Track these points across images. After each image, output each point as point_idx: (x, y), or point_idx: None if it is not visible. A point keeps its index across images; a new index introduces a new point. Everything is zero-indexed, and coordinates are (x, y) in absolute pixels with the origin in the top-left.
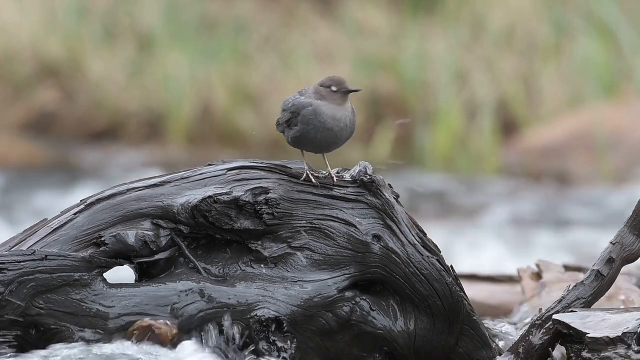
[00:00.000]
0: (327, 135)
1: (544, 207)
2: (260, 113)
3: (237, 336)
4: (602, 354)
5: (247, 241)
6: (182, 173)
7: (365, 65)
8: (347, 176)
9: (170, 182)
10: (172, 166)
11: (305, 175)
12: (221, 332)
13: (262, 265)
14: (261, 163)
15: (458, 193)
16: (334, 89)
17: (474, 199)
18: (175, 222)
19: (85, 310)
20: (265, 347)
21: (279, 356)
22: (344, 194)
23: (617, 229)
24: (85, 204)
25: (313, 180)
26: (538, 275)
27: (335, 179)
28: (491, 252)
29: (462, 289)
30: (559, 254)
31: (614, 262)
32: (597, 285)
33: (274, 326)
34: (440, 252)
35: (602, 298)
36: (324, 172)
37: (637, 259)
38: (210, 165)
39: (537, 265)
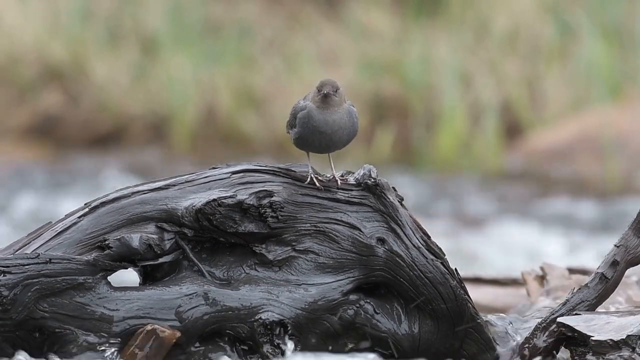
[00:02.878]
0: (322, 138)
1: (548, 209)
2: (265, 116)
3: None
4: (606, 357)
5: (251, 244)
6: (186, 176)
7: (369, 68)
8: (351, 179)
9: (174, 185)
10: (176, 169)
11: (309, 179)
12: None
13: (266, 269)
14: (265, 166)
15: (461, 196)
16: (319, 91)
17: (478, 202)
18: (179, 225)
19: (89, 314)
20: (270, 350)
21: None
22: (348, 197)
23: (622, 232)
24: (90, 207)
25: (316, 184)
26: (542, 278)
27: (339, 182)
28: (495, 254)
29: (466, 292)
30: (563, 256)
31: (618, 265)
32: (601, 288)
33: (278, 329)
34: (444, 255)
35: None
36: (328, 175)
37: None
38: (214, 168)
39: (541, 268)
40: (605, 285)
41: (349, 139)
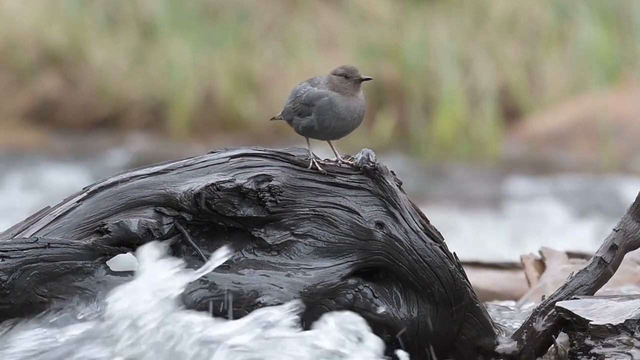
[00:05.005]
0: (340, 125)
1: (547, 194)
2: (263, 100)
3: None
4: (605, 341)
5: (250, 229)
6: (185, 160)
7: (368, 52)
8: (351, 163)
9: (172, 170)
10: (174, 154)
11: (311, 164)
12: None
13: (265, 253)
14: (264, 150)
15: (460, 180)
16: (347, 77)
17: (476, 186)
18: (178, 210)
19: (88, 298)
20: None
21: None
22: (347, 181)
23: (620, 216)
24: (88, 191)
25: (319, 169)
26: (541, 262)
27: (341, 162)
28: (494, 238)
29: (464, 276)
30: (561, 240)
31: (617, 249)
32: (600, 272)
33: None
34: (443, 239)
35: None
36: (331, 159)
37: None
38: (212, 152)
39: (540, 252)
40: (604, 269)
41: (358, 125)
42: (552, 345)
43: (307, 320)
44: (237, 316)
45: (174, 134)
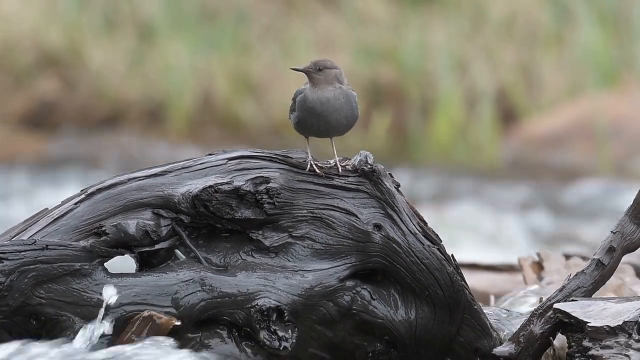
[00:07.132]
0: (319, 121)
1: (544, 196)
2: (261, 102)
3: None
4: (603, 343)
5: (248, 230)
6: (183, 162)
7: (366, 55)
8: (348, 165)
9: (170, 172)
10: (172, 156)
11: (309, 166)
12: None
13: (263, 255)
14: (262, 152)
15: (457, 182)
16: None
17: (474, 189)
18: (175, 212)
19: (86, 300)
20: (266, 337)
21: (279, 345)
22: (345, 183)
23: (618, 218)
24: (86, 193)
25: (317, 171)
26: (539, 264)
27: (340, 168)
28: (491, 240)
29: (462, 278)
30: (559, 242)
31: (615, 251)
32: (598, 274)
33: (274, 315)
34: (441, 241)
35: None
36: (331, 162)
37: (637, 248)
38: (210, 154)
39: (538, 254)
40: (601, 271)
41: (348, 123)
42: (550, 347)
43: None
44: (235, 318)
45: (172, 136)
